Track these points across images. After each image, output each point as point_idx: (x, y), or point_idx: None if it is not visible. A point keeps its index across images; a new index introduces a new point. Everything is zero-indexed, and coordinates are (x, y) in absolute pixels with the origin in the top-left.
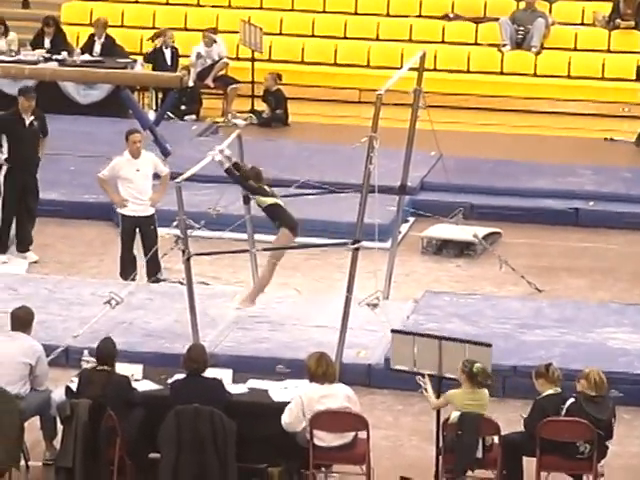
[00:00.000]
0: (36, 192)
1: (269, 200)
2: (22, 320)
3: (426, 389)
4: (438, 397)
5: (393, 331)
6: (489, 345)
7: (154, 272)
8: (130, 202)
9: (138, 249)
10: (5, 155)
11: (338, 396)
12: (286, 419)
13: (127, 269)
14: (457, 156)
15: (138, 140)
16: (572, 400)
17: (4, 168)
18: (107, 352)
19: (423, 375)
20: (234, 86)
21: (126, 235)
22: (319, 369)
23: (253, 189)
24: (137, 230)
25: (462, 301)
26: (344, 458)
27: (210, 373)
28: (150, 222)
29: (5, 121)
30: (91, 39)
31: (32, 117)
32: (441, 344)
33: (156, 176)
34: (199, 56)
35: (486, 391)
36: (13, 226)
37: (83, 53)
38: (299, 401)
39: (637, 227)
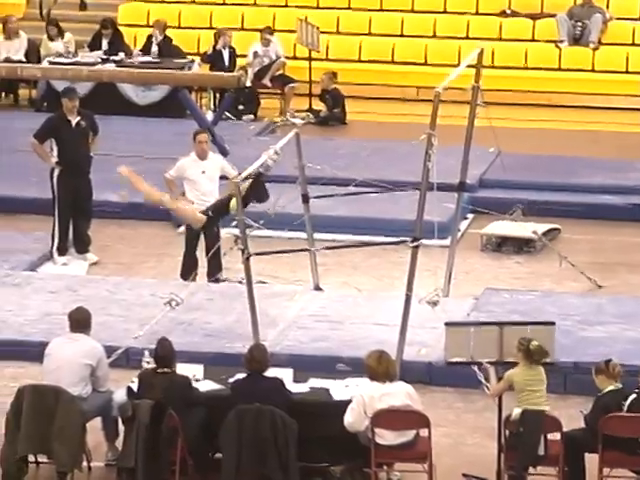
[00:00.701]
0: (90, 192)
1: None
2: (81, 321)
3: (487, 378)
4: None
5: (447, 324)
6: (552, 323)
7: (215, 272)
8: (195, 203)
9: (200, 249)
10: (56, 158)
11: (399, 394)
12: (349, 419)
13: (189, 270)
14: (515, 153)
15: (204, 140)
16: (634, 396)
17: (56, 171)
18: (165, 354)
19: (481, 364)
20: (292, 85)
21: (190, 236)
22: (379, 367)
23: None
24: (201, 231)
25: (522, 298)
26: (406, 456)
27: (271, 373)
28: (214, 224)
29: (51, 124)
30: (149, 40)
31: (78, 117)
32: (502, 330)
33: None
34: (256, 55)
35: (542, 368)
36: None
37: (143, 54)
38: (360, 400)
39: None
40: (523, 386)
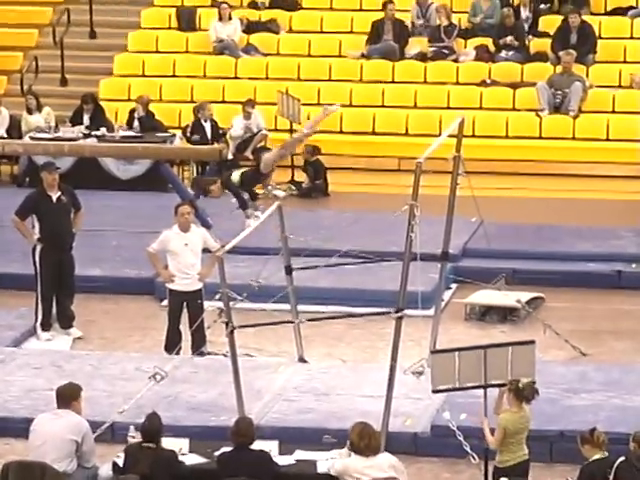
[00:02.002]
0: (72, 267)
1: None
2: (67, 397)
3: (484, 430)
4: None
5: (432, 352)
6: (532, 342)
7: (200, 345)
8: (178, 277)
9: (184, 323)
10: (38, 235)
11: (383, 466)
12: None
13: (172, 343)
14: (498, 222)
15: (187, 212)
16: (622, 459)
17: (38, 247)
18: (153, 428)
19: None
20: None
21: (173, 309)
22: (362, 442)
23: None
24: (184, 304)
25: None
26: None
27: (256, 445)
28: (197, 297)
29: (32, 201)
30: (131, 114)
31: (59, 192)
32: (486, 352)
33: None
34: (246, 129)
35: (528, 409)
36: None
37: (128, 128)
38: (342, 469)
39: None
40: (513, 432)
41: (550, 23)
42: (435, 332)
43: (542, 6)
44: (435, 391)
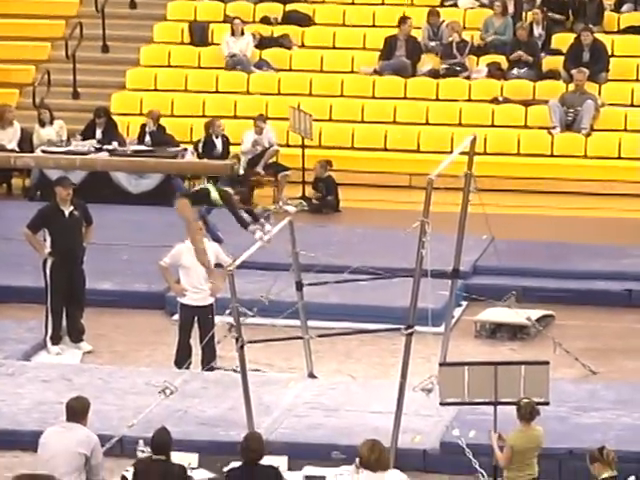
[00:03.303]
0: (83, 281)
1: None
2: (77, 410)
3: (493, 448)
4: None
5: (441, 364)
6: (546, 363)
7: (210, 360)
8: (189, 291)
9: (194, 337)
10: (49, 249)
11: None
12: None
13: (183, 357)
14: (509, 239)
15: (199, 228)
16: (633, 478)
17: (49, 260)
18: (162, 442)
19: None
20: (285, 173)
21: (184, 324)
22: (372, 457)
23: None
24: (195, 319)
25: None
26: None
27: (266, 460)
28: (208, 311)
29: (44, 214)
30: (142, 129)
31: (71, 207)
32: (497, 369)
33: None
34: (255, 144)
35: (541, 430)
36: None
37: (139, 143)
38: None
39: None
40: (521, 451)
41: (563, 41)
42: (445, 349)
43: (555, 19)
44: (443, 404)
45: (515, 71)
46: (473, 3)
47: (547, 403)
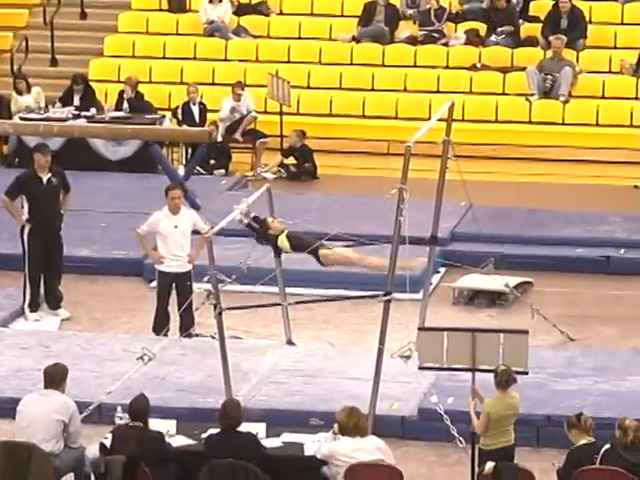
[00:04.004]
0: (60, 248)
1: (286, 242)
2: (55, 377)
3: (470, 414)
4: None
5: (420, 329)
6: (525, 332)
7: (188, 327)
8: (167, 258)
9: (172, 304)
10: (27, 215)
11: (369, 449)
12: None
13: (161, 324)
14: (487, 206)
15: (177, 196)
16: (608, 446)
17: (27, 227)
18: (140, 408)
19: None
20: (263, 140)
21: (162, 291)
22: (350, 422)
23: (273, 238)
24: (173, 286)
25: None
26: None
27: (244, 427)
28: (186, 278)
29: (22, 181)
30: (120, 96)
31: (49, 174)
32: (474, 336)
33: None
34: (233, 110)
35: (517, 396)
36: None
37: (117, 110)
38: (329, 453)
39: None
40: (498, 418)
41: (541, 7)
42: (423, 315)
43: None
44: (421, 368)
45: (493, 38)
46: None
47: (526, 373)
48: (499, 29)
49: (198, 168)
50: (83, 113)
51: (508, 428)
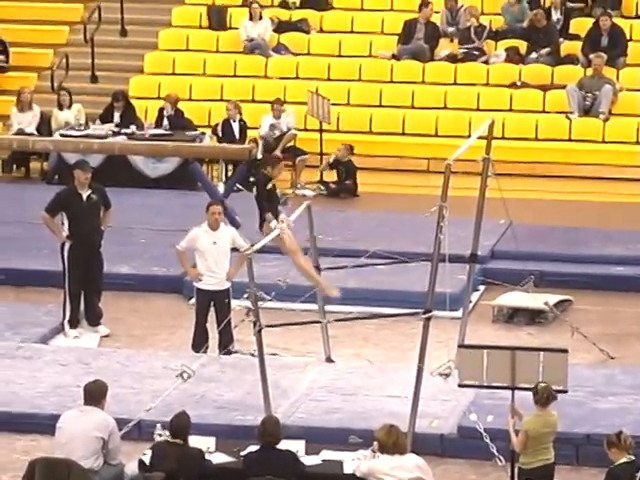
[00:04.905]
0: (101, 265)
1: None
2: (95, 394)
3: (509, 433)
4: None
5: (460, 346)
6: (565, 351)
7: (227, 344)
8: (205, 275)
9: (211, 321)
10: (67, 232)
11: (408, 467)
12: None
13: (200, 342)
14: (527, 224)
15: (218, 212)
16: None
17: (67, 244)
18: (182, 426)
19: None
20: (302, 157)
21: (200, 308)
22: (389, 440)
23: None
24: (212, 303)
25: None
26: None
27: (283, 445)
28: (225, 296)
29: (62, 198)
30: (160, 113)
31: (89, 191)
32: (514, 354)
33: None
34: (272, 127)
35: (556, 414)
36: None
37: (157, 127)
38: (367, 471)
39: None
40: (536, 435)
41: (581, 25)
42: (463, 333)
43: (573, 5)
44: (461, 385)
45: (533, 55)
46: None
47: (565, 391)
48: (539, 47)
49: (238, 185)
50: (123, 130)
51: (547, 446)
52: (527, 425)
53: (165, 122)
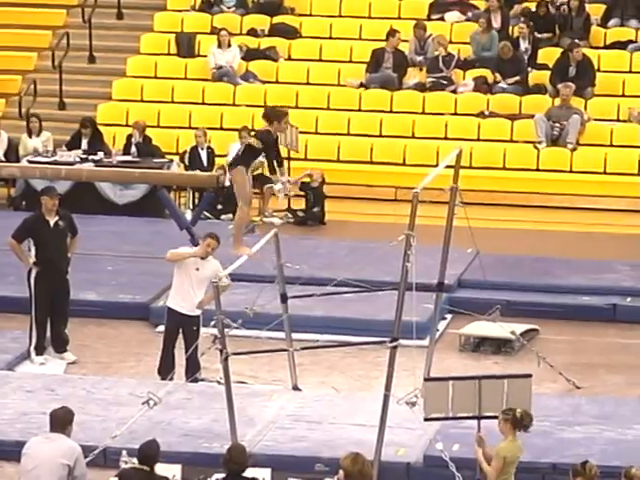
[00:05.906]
0: (67, 292)
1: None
2: (61, 421)
3: (479, 461)
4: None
5: (426, 379)
6: (529, 376)
7: (194, 372)
8: (180, 298)
9: (179, 348)
10: (34, 259)
11: None
12: None
13: (166, 367)
14: (494, 253)
15: (213, 247)
16: None
17: (34, 270)
18: (151, 453)
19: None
20: (270, 185)
21: (169, 334)
22: (355, 468)
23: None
24: (180, 330)
25: None
26: None
27: (249, 472)
28: (194, 322)
29: (29, 224)
30: (128, 140)
31: (57, 217)
32: (480, 383)
33: None
34: None
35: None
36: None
37: (125, 154)
38: None
39: None
40: (510, 462)
41: (549, 55)
42: (429, 362)
43: (541, 36)
44: (427, 419)
45: (501, 85)
46: (460, 17)
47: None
48: (507, 77)
49: (205, 213)
50: (91, 157)
51: (512, 474)
52: (504, 451)
53: (133, 149)
